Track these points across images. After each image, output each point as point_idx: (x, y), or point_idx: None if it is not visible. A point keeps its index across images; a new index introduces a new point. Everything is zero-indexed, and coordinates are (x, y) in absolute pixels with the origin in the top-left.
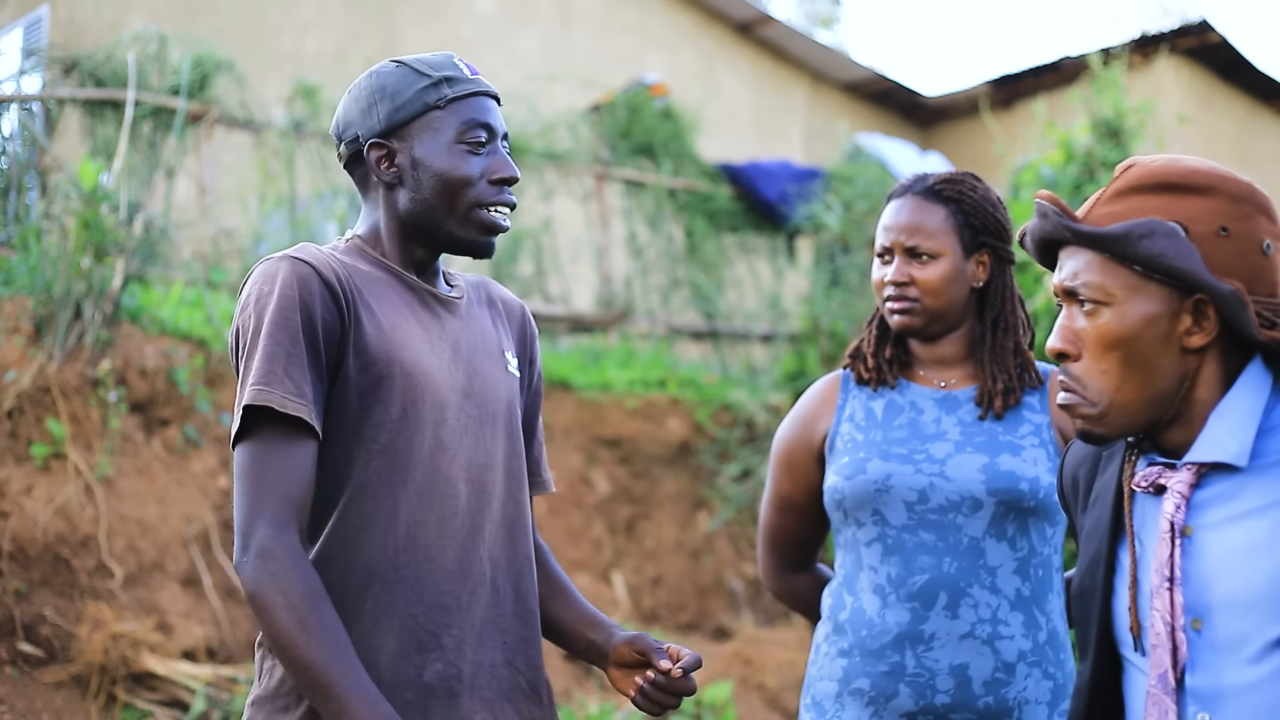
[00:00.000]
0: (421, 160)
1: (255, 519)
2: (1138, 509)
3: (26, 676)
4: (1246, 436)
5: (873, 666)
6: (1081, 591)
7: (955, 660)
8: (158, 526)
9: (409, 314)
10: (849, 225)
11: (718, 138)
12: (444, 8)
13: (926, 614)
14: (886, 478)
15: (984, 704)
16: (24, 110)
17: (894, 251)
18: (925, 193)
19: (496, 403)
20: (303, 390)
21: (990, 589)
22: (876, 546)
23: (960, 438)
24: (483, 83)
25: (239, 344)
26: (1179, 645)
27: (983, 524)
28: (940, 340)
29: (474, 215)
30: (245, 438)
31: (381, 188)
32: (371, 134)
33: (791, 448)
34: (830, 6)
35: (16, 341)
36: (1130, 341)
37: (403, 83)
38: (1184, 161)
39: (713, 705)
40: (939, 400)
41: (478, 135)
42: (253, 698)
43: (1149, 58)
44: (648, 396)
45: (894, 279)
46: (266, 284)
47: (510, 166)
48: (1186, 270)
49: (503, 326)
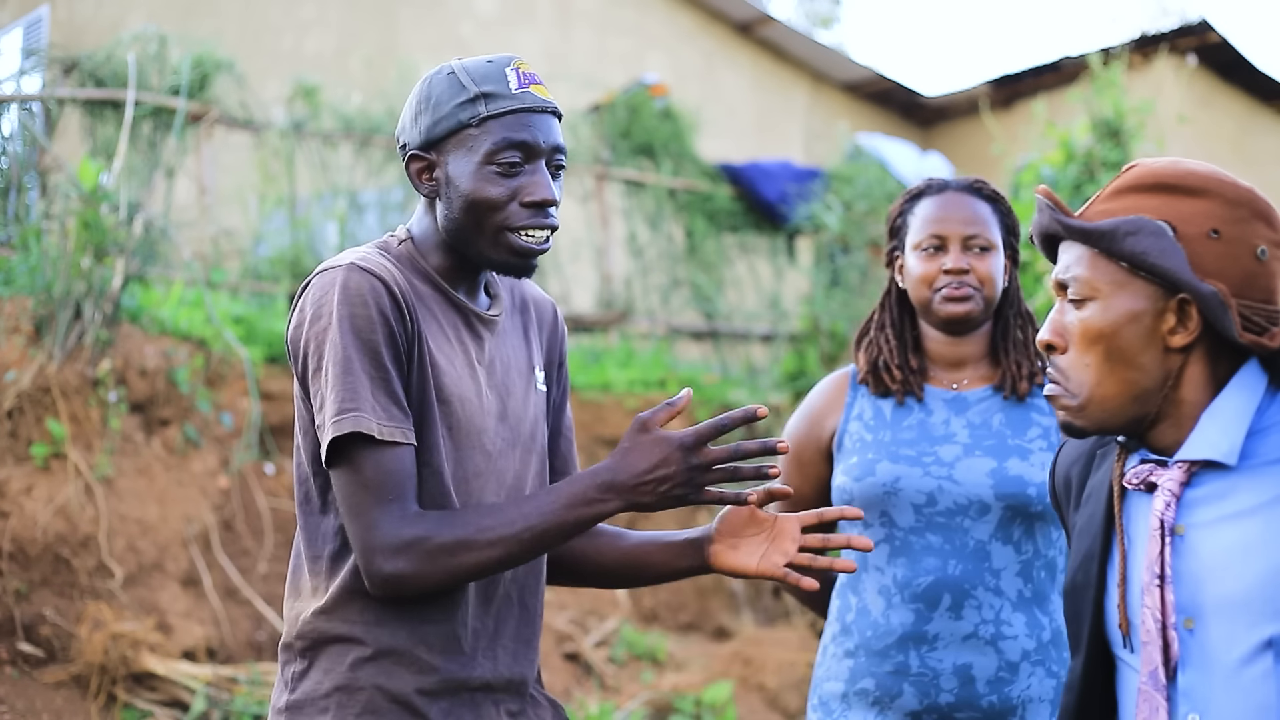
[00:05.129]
0: (453, 178)
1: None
2: (1129, 507)
3: (26, 676)
4: (1237, 436)
5: (878, 667)
6: (1073, 589)
7: (959, 660)
8: (158, 526)
9: (454, 336)
10: (849, 225)
11: (718, 138)
12: (444, 8)
13: (930, 615)
14: (895, 480)
15: (988, 703)
16: (24, 110)
17: (948, 242)
18: (969, 189)
19: (526, 424)
20: (391, 412)
21: (994, 591)
22: (884, 548)
23: (969, 440)
24: (529, 98)
25: (309, 357)
26: (1170, 643)
27: (990, 527)
28: (968, 337)
29: (502, 239)
30: (347, 461)
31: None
32: (414, 145)
33: (800, 444)
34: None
35: (16, 341)
36: (1113, 336)
37: (445, 95)
38: (1184, 164)
39: (713, 705)
40: (949, 401)
41: (511, 157)
42: (283, 703)
43: (1149, 58)
44: (648, 396)
45: (954, 267)
46: (340, 296)
47: (545, 188)
48: (1168, 269)
49: (534, 334)
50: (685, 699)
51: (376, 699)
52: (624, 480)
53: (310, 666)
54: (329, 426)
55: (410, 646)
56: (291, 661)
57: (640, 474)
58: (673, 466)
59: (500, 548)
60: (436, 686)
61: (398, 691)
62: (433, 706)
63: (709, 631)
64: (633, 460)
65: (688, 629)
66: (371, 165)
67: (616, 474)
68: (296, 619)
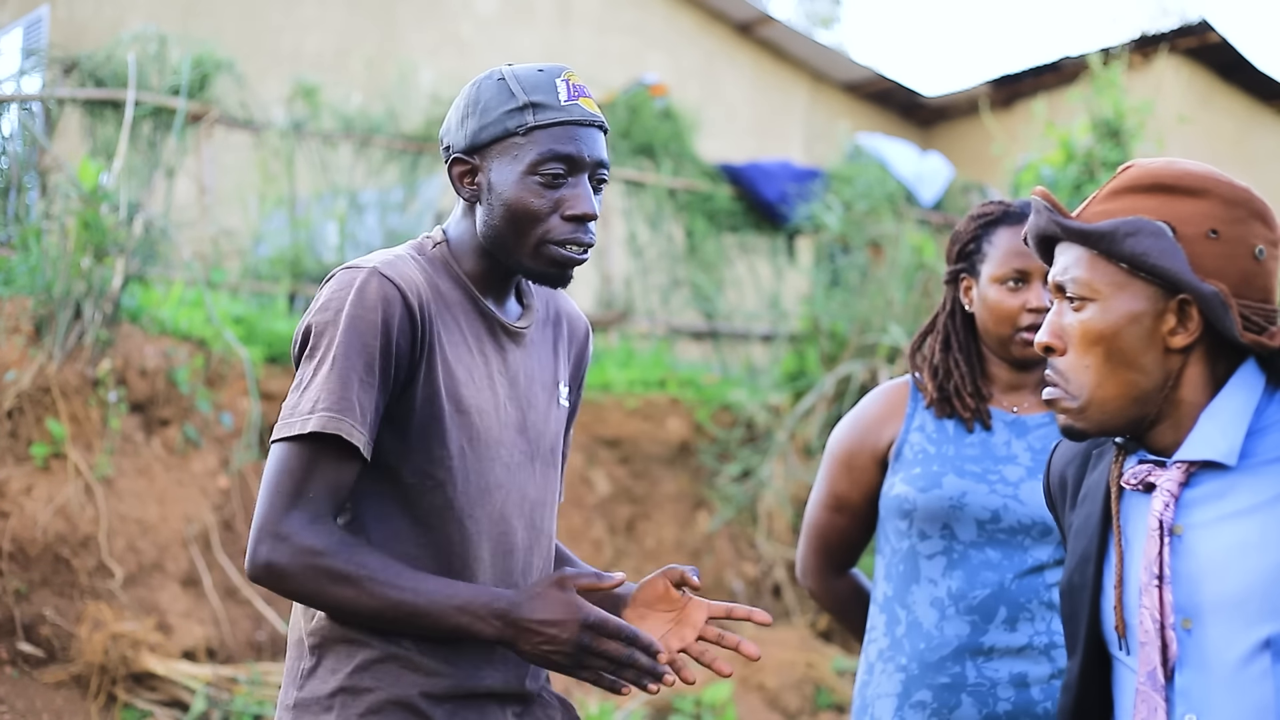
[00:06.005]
0: (496, 186)
1: (287, 513)
2: (1127, 507)
3: (26, 676)
4: (1236, 436)
5: (933, 679)
6: (1070, 589)
7: (1014, 669)
8: (158, 526)
9: (476, 346)
10: (849, 225)
11: (718, 138)
12: (444, 8)
13: (986, 627)
14: (961, 495)
15: (1043, 709)
16: (24, 110)
17: (1031, 277)
18: None
19: (548, 437)
20: (366, 419)
21: (1048, 605)
22: (940, 560)
23: (1031, 464)
24: (578, 110)
25: (309, 344)
26: (1169, 643)
27: (1049, 550)
28: (1035, 366)
29: (543, 250)
30: (294, 441)
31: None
32: (458, 148)
33: (853, 449)
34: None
35: (16, 341)
36: (1113, 338)
37: (494, 101)
38: (1181, 164)
39: (713, 705)
40: (1009, 424)
41: (555, 169)
42: (291, 701)
43: (1149, 58)
44: (648, 396)
45: (1038, 306)
46: (351, 295)
47: (586, 202)
48: (1169, 269)
49: (563, 349)
50: (685, 699)
51: (380, 701)
52: (516, 618)
53: (318, 665)
54: (299, 419)
55: (418, 651)
56: (301, 658)
57: (533, 622)
58: (565, 634)
59: (376, 604)
60: (443, 691)
61: (402, 695)
62: (437, 709)
63: None
64: (535, 607)
65: None
66: (371, 165)
67: (514, 610)
68: (311, 616)
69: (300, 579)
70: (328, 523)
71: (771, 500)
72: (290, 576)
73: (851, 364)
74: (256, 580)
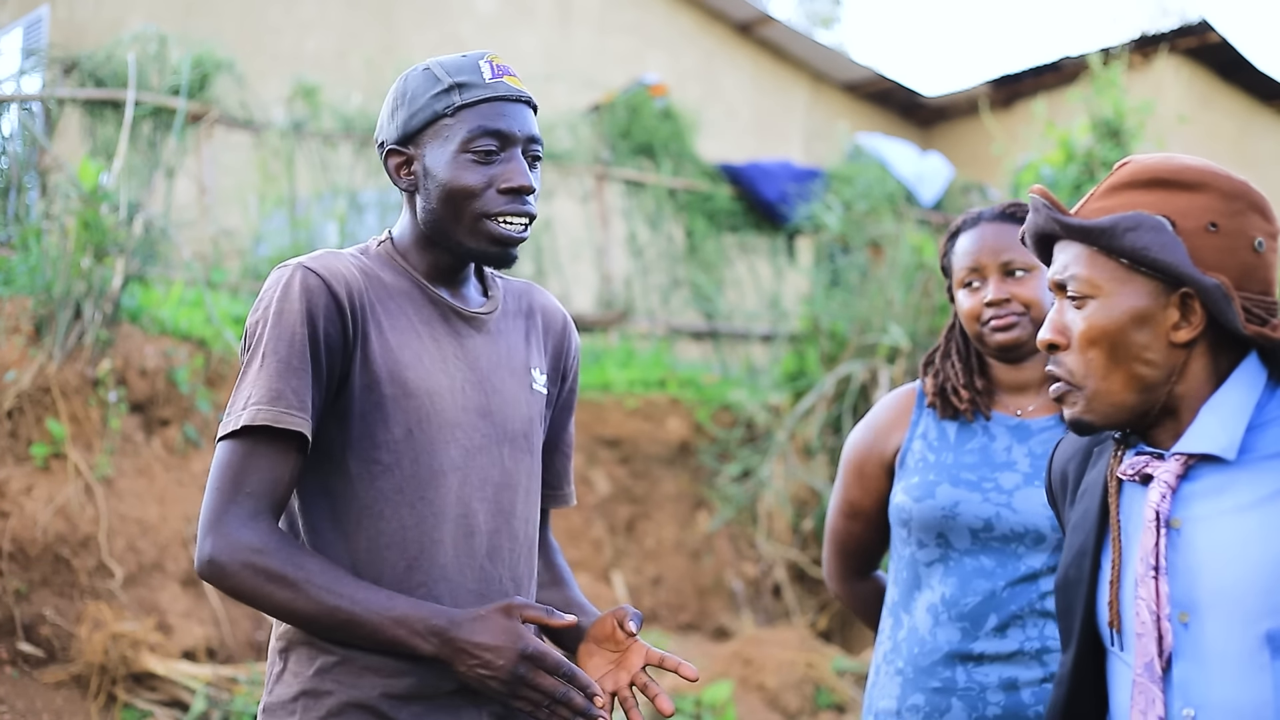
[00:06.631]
0: (430, 169)
1: (226, 508)
2: (1125, 501)
3: (26, 676)
4: (1237, 430)
5: (925, 683)
6: (1066, 583)
7: (1005, 674)
8: (158, 526)
9: (424, 331)
10: (849, 225)
11: (718, 138)
12: (444, 8)
13: (976, 633)
14: (954, 505)
15: (1034, 712)
16: (24, 110)
17: (985, 273)
18: (1000, 217)
19: (517, 422)
20: (304, 403)
21: (1040, 612)
22: (938, 567)
23: (1029, 470)
24: (503, 87)
25: (246, 345)
26: (1164, 634)
27: (1043, 558)
28: (1026, 362)
29: (481, 226)
30: (232, 438)
31: (405, 194)
32: (391, 140)
33: (864, 457)
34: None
35: (16, 341)
36: (1116, 333)
37: (420, 88)
38: (1178, 159)
39: (713, 705)
40: (1013, 429)
41: (487, 144)
42: (263, 705)
43: (1149, 58)
44: (648, 396)
45: (994, 298)
46: (277, 292)
47: (521, 175)
48: (1171, 263)
49: (536, 340)
50: (685, 699)
51: (339, 704)
52: (455, 637)
53: (284, 669)
54: (233, 416)
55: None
56: (273, 663)
57: (472, 644)
58: (502, 661)
59: (312, 609)
60: (406, 691)
61: (362, 697)
62: (403, 711)
63: (709, 632)
64: (477, 628)
65: (688, 629)
66: (371, 165)
67: (453, 628)
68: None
69: (239, 577)
70: (267, 520)
71: (771, 500)
72: (230, 574)
73: (851, 364)
74: (204, 577)
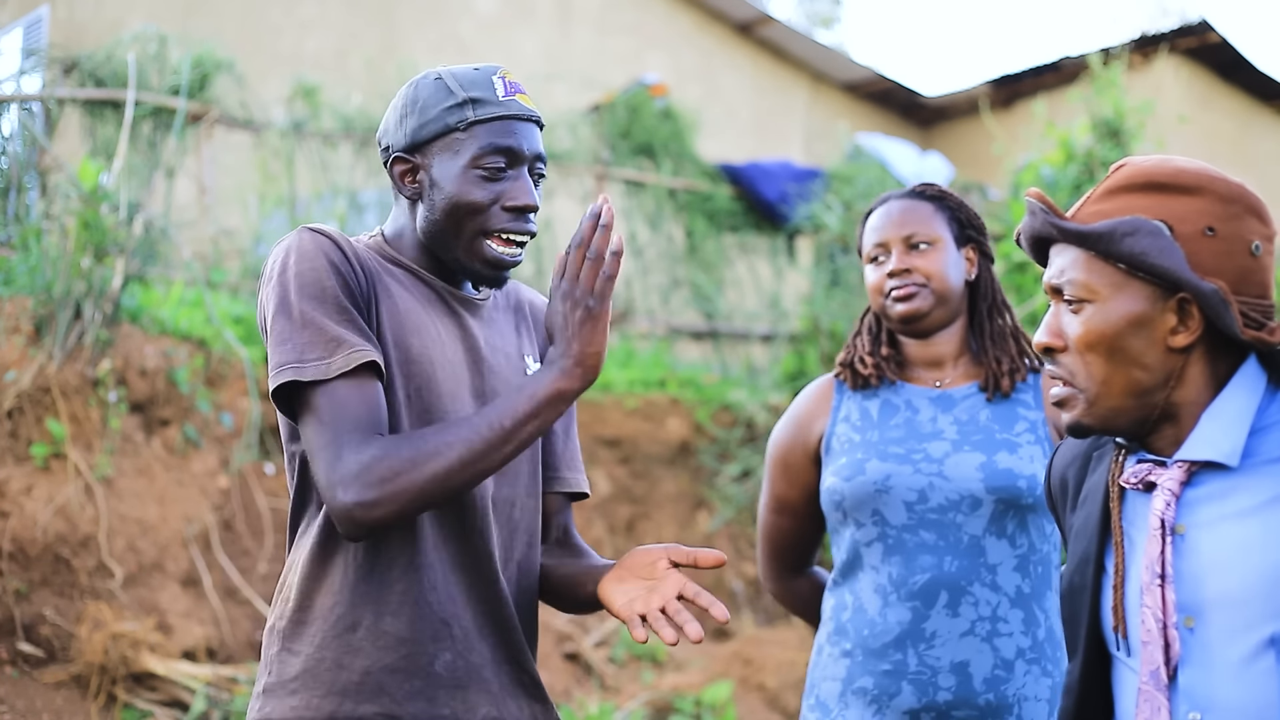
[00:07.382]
0: (437, 181)
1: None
2: (1128, 507)
3: (26, 676)
4: (1239, 435)
5: (875, 665)
6: (1070, 590)
7: (956, 658)
8: (158, 526)
9: (425, 307)
10: (849, 225)
11: (718, 138)
12: (444, 8)
13: (928, 612)
14: (886, 478)
15: (985, 700)
16: (24, 110)
17: (889, 247)
18: (908, 195)
19: None
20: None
21: (991, 586)
22: (877, 546)
23: (957, 436)
24: (515, 105)
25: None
26: (1171, 642)
27: (983, 522)
28: (935, 337)
29: (478, 245)
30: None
31: (405, 200)
32: (398, 147)
33: (787, 450)
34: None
35: (16, 341)
36: (1114, 339)
37: (432, 99)
38: (1174, 162)
39: (713, 705)
40: (934, 399)
41: (495, 161)
42: (262, 686)
43: (1149, 58)
44: (648, 396)
45: (895, 269)
46: (292, 255)
47: (527, 194)
48: (1168, 268)
49: (527, 332)
50: (685, 699)
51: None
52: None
53: (281, 649)
54: (271, 377)
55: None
56: (270, 644)
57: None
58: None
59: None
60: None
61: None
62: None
63: (709, 631)
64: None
65: None
66: (371, 165)
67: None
68: (280, 606)
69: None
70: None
71: None
72: (378, 503)
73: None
74: (355, 535)
